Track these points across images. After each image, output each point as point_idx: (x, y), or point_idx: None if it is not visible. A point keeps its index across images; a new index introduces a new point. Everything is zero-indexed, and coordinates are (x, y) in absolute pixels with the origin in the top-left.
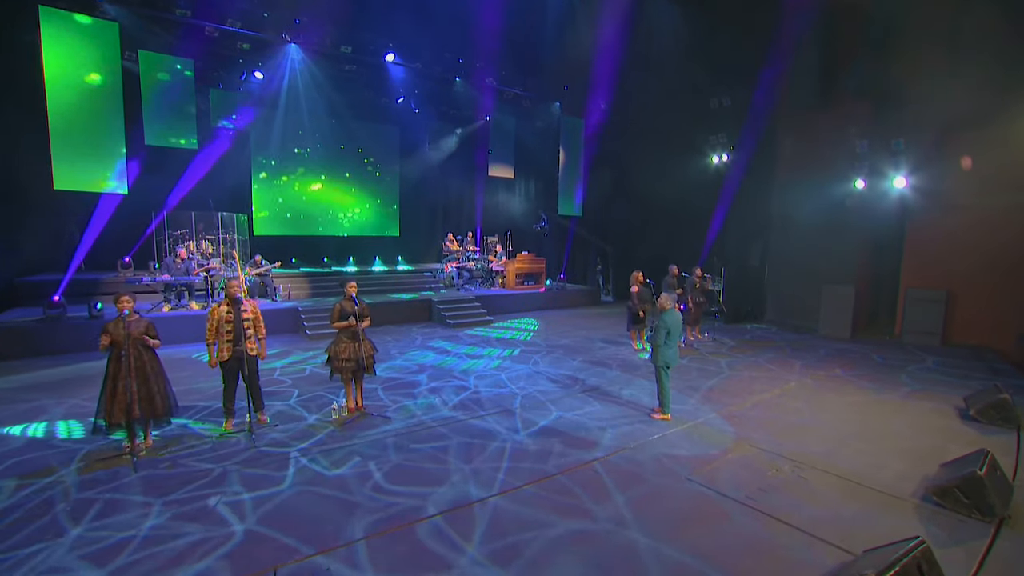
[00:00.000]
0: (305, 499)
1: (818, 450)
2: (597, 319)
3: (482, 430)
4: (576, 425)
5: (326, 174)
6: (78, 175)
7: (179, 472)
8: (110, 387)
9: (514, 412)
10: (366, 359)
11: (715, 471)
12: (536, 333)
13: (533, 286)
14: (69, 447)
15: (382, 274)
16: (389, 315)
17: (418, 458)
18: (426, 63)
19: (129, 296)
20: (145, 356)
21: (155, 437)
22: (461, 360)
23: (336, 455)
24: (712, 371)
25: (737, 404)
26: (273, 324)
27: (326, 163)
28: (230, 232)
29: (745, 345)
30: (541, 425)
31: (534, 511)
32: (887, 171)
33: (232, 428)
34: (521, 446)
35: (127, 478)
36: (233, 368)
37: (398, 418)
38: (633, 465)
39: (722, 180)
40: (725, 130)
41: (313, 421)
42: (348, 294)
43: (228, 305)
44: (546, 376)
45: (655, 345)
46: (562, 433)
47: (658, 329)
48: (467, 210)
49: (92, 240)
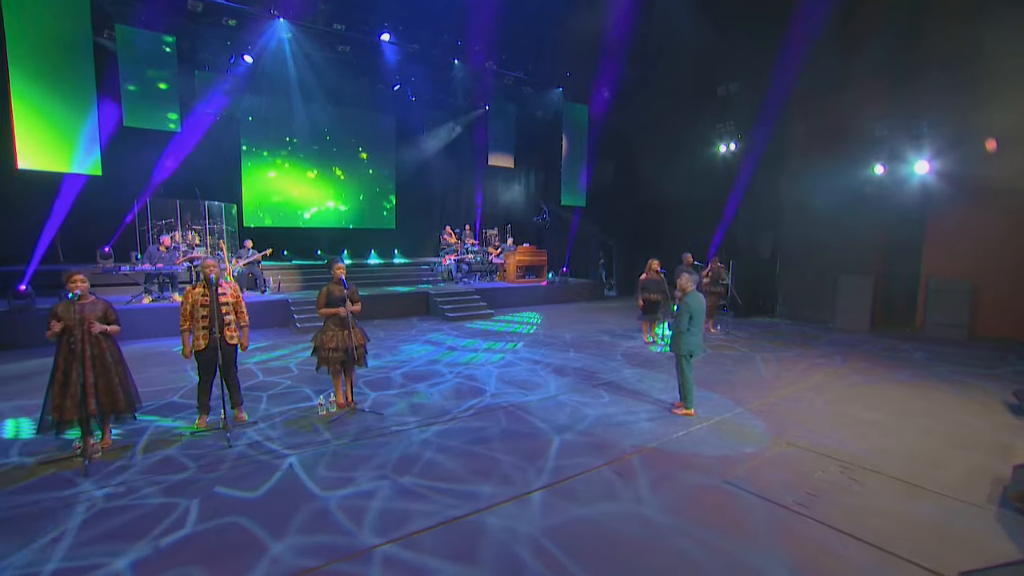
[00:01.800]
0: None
1: (863, 448)
2: (602, 313)
3: (481, 429)
4: (590, 422)
5: (319, 164)
6: (44, 154)
7: (133, 479)
8: (60, 379)
9: (519, 408)
10: (356, 349)
11: (753, 472)
12: (539, 327)
13: (534, 279)
14: (9, 448)
15: (378, 267)
16: (385, 308)
17: (414, 463)
18: (423, 44)
19: (83, 275)
20: (104, 343)
21: (116, 436)
22: (461, 353)
23: (318, 459)
24: (729, 365)
25: (763, 399)
26: (262, 317)
27: (320, 152)
28: (218, 222)
29: (759, 338)
30: (551, 423)
31: (551, 520)
32: (908, 155)
33: (205, 426)
34: (531, 446)
35: (65, 490)
36: (209, 359)
37: (392, 415)
38: (659, 466)
39: (730, 169)
40: (733, 118)
41: (294, 417)
42: (336, 277)
43: (204, 287)
44: (553, 370)
45: (677, 332)
46: (575, 431)
47: (680, 314)
48: (466, 202)
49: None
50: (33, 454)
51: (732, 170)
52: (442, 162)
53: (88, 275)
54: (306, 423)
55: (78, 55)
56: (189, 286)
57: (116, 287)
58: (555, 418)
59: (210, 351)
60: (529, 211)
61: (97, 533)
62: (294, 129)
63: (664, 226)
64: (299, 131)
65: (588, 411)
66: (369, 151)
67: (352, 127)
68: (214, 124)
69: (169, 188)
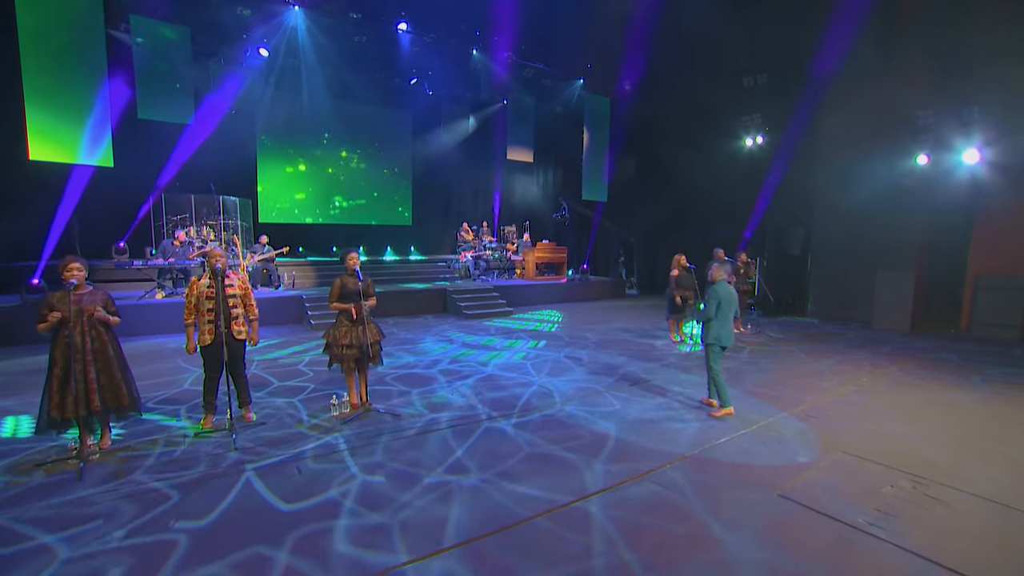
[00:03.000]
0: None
1: (933, 460)
2: (624, 312)
3: (505, 433)
4: (625, 426)
5: (335, 159)
6: (56, 145)
7: (130, 486)
8: (58, 375)
9: (544, 411)
10: (371, 346)
11: (810, 485)
12: (560, 325)
13: (554, 277)
14: (5, 448)
15: (394, 263)
16: (401, 305)
17: (431, 467)
18: (441, 34)
19: (79, 263)
20: (105, 335)
21: (117, 435)
22: (481, 352)
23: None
24: (765, 365)
25: (807, 402)
26: (276, 313)
27: (335, 147)
28: (233, 217)
29: (793, 338)
30: (582, 427)
31: (587, 539)
32: (955, 144)
33: (211, 426)
34: (563, 454)
35: (53, 499)
36: (215, 354)
37: (410, 416)
38: (704, 476)
39: (756, 163)
40: (760, 110)
41: (306, 419)
42: (350, 268)
43: (210, 279)
44: (578, 369)
45: (706, 319)
46: (608, 436)
47: (709, 301)
48: (483, 198)
49: (82, 222)
50: (29, 454)
51: (759, 164)
52: (459, 157)
53: (103, 270)
54: (319, 425)
55: (91, 46)
56: (195, 277)
57: (130, 282)
58: (586, 422)
59: (216, 347)
60: (548, 207)
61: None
62: (310, 124)
63: (688, 223)
64: (315, 126)
65: (620, 414)
66: (385, 146)
67: (368, 122)
68: (229, 118)
69: (183, 182)
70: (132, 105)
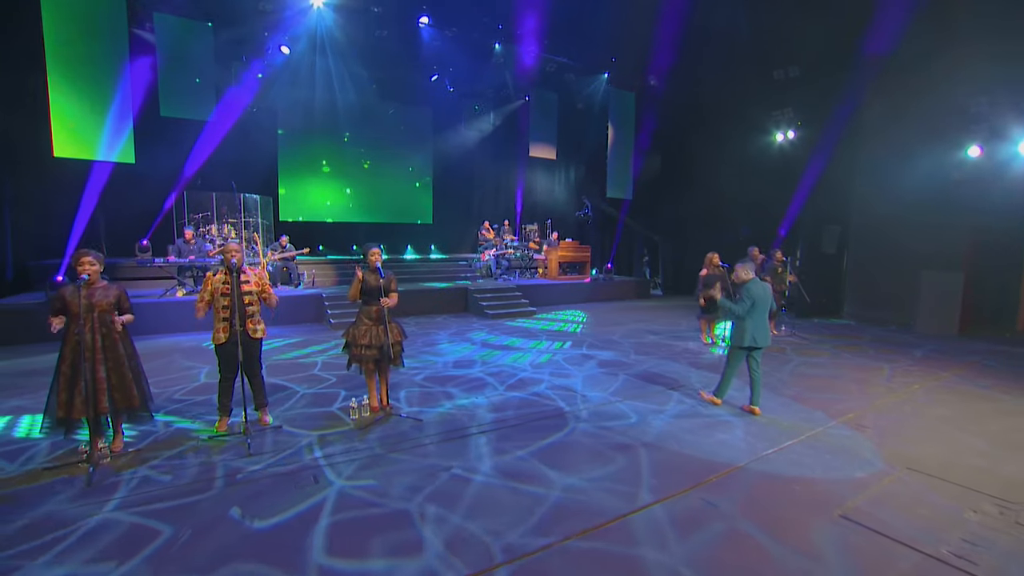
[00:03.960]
0: None
1: (1017, 481)
2: (650, 312)
3: (536, 440)
4: (662, 433)
5: (355, 157)
6: (80, 142)
7: (139, 492)
8: (66, 373)
9: (576, 416)
10: (392, 346)
11: (875, 506)
12: (585, 325)
13: (577, 276)
14: (18, 448)
15: (414, 262)
16: (421, 304)
17: (462, 490)
18: (463, 28)
19: (92, 256)
20: (116, 333)
21: (129, 437)
22: (504, 353)
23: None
24: (806, 370)
25: (857, 409)
26: (295, 312)
27: (355, 145)
28: (253, 216)
29: (832, 340)
30: (618, 434)
31: (633, 563)
32: (1012, 134)
33: (226, 429)
34: (598, 463)
35: (49, 502)
36: (230, 354)
37: (432, 421)
38: (755, 492)
39: (787, 159)
40: (792, 103)
41: (322, 423)
42: (371, 263)
43: (225, 275)
44: (608, 372)
45: (737, 318)
46: (646, 445)
47: (742, 300)
48: (504, 196)
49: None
50: (43, 456)
51: (790, 159)
52: (480, 155)
53: (126, 267)
54: (335, 428)
55: (114, 43)
56: (209, 273)
57: (152, 280)
58: (622, 428)
59: (230, 346)
60: (570, 205)
61: None
62: (330, 122)
63: (716, 220)
64: (335, 124)
65: (656, 420)
66: (405, 144)
67: (388, 119)
68: (250, 115)
69: (204, 180)
70: (154, 102)
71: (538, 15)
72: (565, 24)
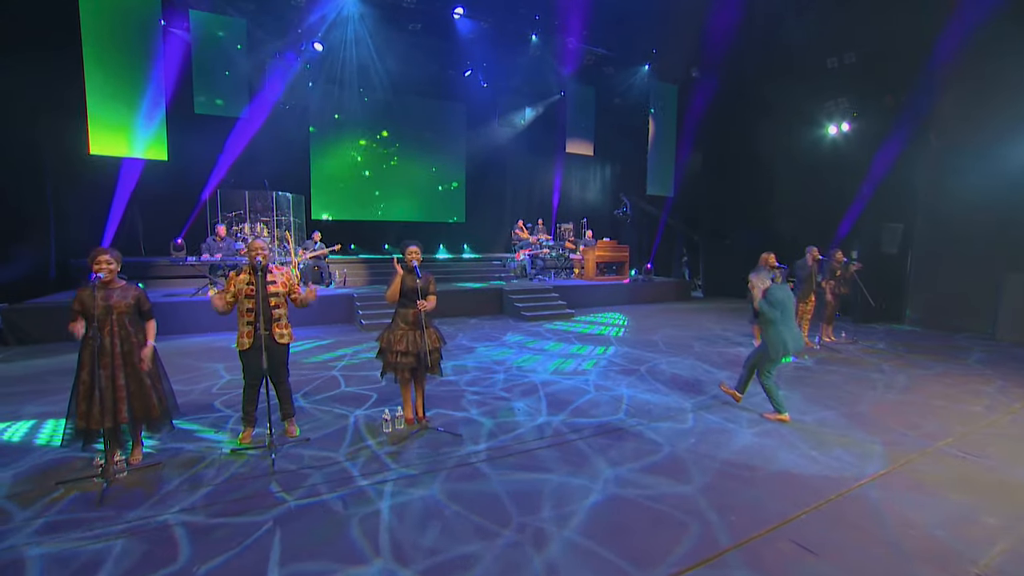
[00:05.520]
0: None
1: None
2: (693, 315)
3: (581, 458)
4: (731, 455)
5: (387, 154)
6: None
7: (152, 516)
8: (85, 380)
9: (632, 433)
10: (430, 354)
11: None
12: (627, 329)
13: (615, 277)
14: (37, 458)
15: (447, 261)
16: (454, 305)
17: (506, 519)
18: (499, 18)
19: (110, 255)
20: (135, 337)
21: (149, 449)
22: (547, 359)
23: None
24: (878, 382)
25: (956, 434)
26: (325, 312)
27: (387, 142)
28: (286, 214)
29: (899, 349)
30: (677, 460)
31: None
32: None
33: (250, 441)
34: (648, 497)
35: (54, 524)
36: (254, 360)
37: (471, 435)
38: (855, 537)
39: (840, 152)
40: (847, 93)
41: (353, 436)
42: (409, 263)
43: (249, 274)
44: (661, 381)
45: (770, 324)
46: (716, 469)
47: (771, 307)
48: (539, 194)
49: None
50: (57, 467)
51: (844, 153)
52: (514, 152)
53: (160, 266)
54: (369, 441)
55: (149, 40)
56: (233, 272)
57: (186, 279)
58: (679, 451)
59: (255, 351)
60: (607, 203)
61: None
62: (362, 118)
63: (760, 219)
64: (367, 120)
65: (722, 439)
66: (438, 141)
67: (421, 116)
68: (283, 112)
69: (237, 178)
70: (187, 99)
71: (578, 4)
72: (605, 14)
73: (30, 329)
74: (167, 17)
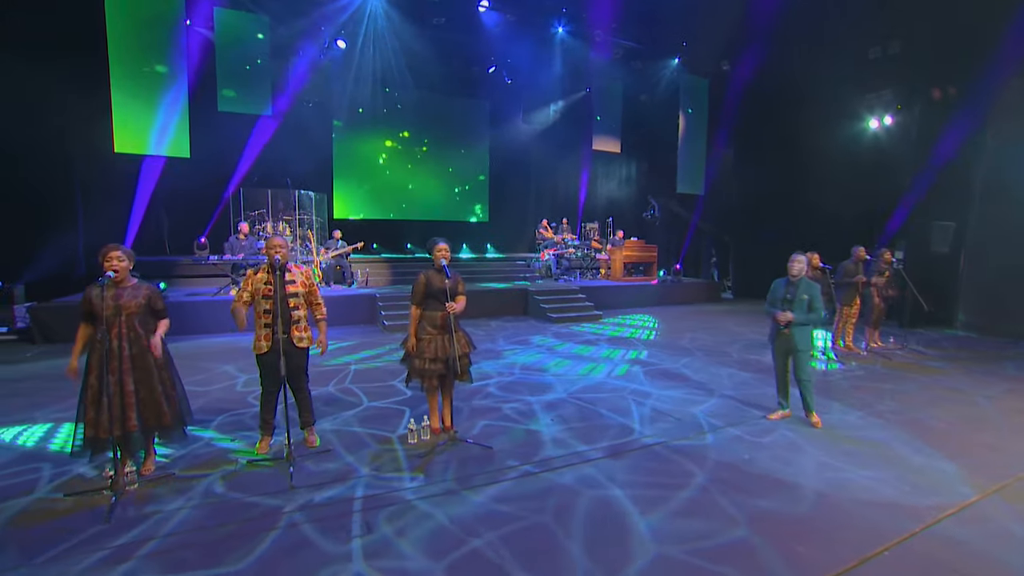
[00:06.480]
0: None
1: None
2: (724, 317)
3: (636, 479)
4: (796, 474)
5: (410, 152)
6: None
7: (158, 534)
8: (93, 385)
9: (679, 448)
10: (459, 359)
11: None
12: (657, 332)
13: (643, 277)
14: (49, 466)
15: (470, 261)
16: (478, 306)
17: (538, 545)
18: (524, 12)
19: (121, 252)
20: (146, 339)
21: (161, 458)
22: (577, 363)
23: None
24: (940, 394)
25: None
26: (347, 313)
27: (410, 141)
28: (308, 213)
29: (957, 356)
30: (731, 485)
31: None
32: None
33: (267, 451)
34: (722, 519)
35: (57, 546)
36: (272, 366)
37: (503, 449)
38: None
39: (882, 147)
40: (891, 85)
41: (376, 446)
42: (437, 262)
43: (267, 273)
44: (702, 391)
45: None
46: (780, 494)
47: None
48: (563, 193)
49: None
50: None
51: (885, 148)
52: (539, 150)
53: (184, 265)
54: (391, 453)
55: (172, 39)
56: (251, 271)
57: (209, 278)
58: (732, 473)
59: (273, 356)
60: (633, 202)
61: None
62: (385, 117)
63: (793, 219)
64: (390, 118)
65: (781, 455)
66: (461, 139)
67: (444, 113)
68: (306, 110)
69: (260, 176)
70: (211, 96)
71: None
72: (634, 4)
73: (57, 327)
74: (191, 15)
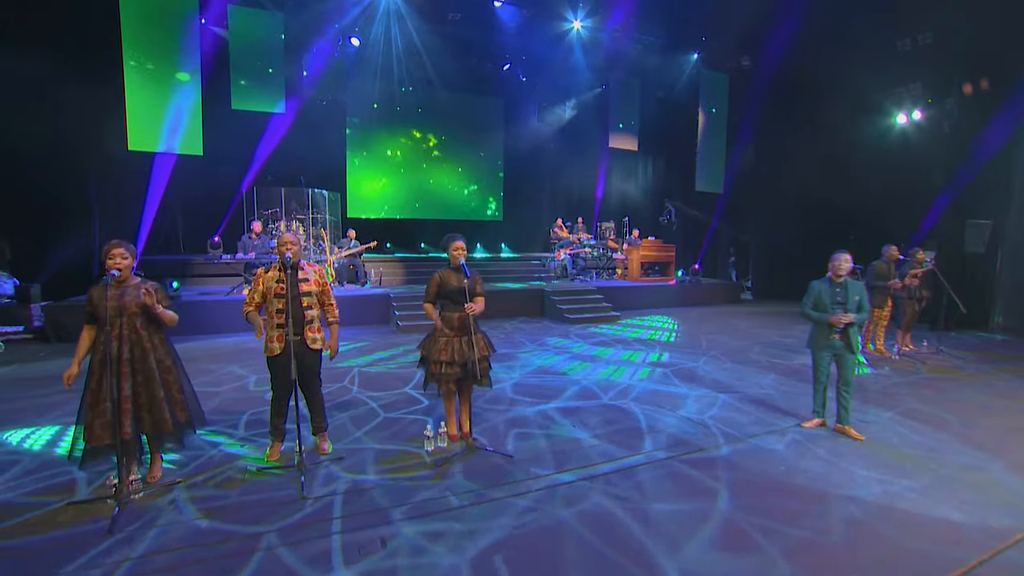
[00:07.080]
0: None
1: None
2: (746, 319)
3: (667, 493)
4: (840, 486)
5: (423, 151)
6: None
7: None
8: (94, 388)
9: (702, 461)
10: (477, 363)
11: None
12: (677, 334)
13: (661, 278)
14: (54, 473)
15: (484, 260)
16: (494, 306)
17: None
18: (540, 6)
19: (125, 248)
20: (149, 341)
21: (168, 464)
22: (597, 366)
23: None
24: (992, 404)
25: None
26: (360, 313)
27: (424, 139)
28: (322, 211)
29: (997, 360)
30: (780, 491)
31: None
32: None
33: (278, 458)
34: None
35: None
36: (284, 368)
37: (523, 458)
38: None
39: (910, 143)
40: (920, 79)
41: (392, 453)
42: (453, 260)
43: (279, 272)
44: (731, 397)
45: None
46: (825, 513)
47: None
48: (578, 192)
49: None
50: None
51: (914, 143)
52: (554, 148)
53: (197, 264)
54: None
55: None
56: (261, 269)
57: (223, 278)
58: (777, 479)
59: (284, 358)
60: (650, 201)
61: None
62: (398, 115)
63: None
64: (404, 117)
65: (819, 467)
66: (475, 137)
67: (458, 112)
68: (319, 108)
69: (274, 174)
70: (224, 95)
71: None
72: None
73: (72, 327)
74: (205, 13)
